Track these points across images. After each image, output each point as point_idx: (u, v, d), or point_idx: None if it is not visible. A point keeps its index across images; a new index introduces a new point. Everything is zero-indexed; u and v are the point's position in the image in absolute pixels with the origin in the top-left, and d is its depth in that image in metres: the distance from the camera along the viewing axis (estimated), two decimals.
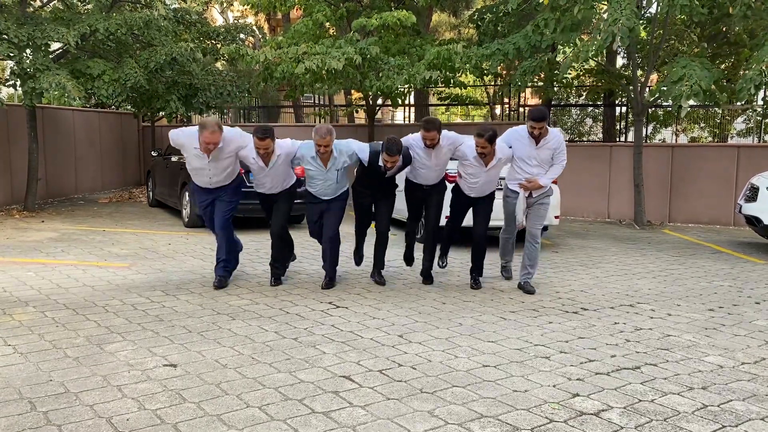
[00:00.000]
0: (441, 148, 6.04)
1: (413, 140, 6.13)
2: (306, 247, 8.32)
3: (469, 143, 6.09)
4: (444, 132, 6.05)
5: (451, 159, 6.25)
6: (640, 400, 3.67)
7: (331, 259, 6.29)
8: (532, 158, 6.10)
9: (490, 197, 6.37)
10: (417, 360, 4.27)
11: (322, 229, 6.27)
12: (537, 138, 6.02)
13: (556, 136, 6.14)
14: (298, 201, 6.72)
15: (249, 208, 7.95)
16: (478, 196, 6.28)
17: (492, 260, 7.06)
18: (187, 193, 10.23)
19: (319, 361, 4.21)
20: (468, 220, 6.55)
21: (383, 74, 12.07)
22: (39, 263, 7.17)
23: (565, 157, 6.21)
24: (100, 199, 14.31)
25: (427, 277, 6.60)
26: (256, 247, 8.39)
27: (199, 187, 6.16)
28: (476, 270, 6.54)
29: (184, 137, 5.83)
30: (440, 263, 6.76)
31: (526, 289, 6.28)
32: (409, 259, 6.86)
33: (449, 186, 6.54)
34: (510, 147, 6.18)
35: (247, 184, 7.15)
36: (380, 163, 5.94)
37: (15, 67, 10.48)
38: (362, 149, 6.09)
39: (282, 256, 6.45)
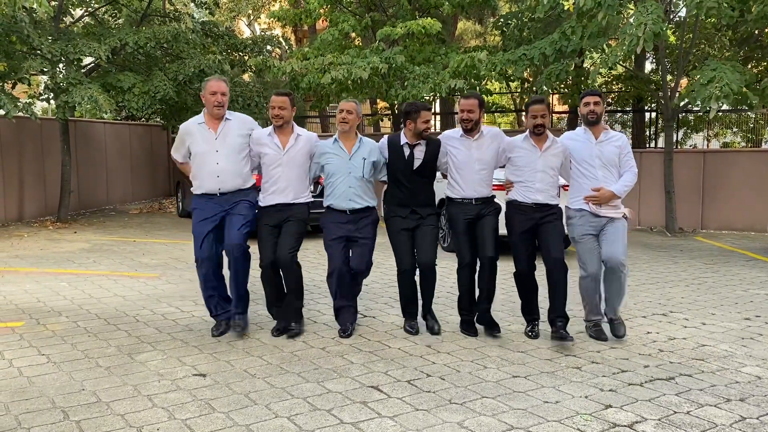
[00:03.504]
0: (483, 138, 4.98)
1: (449, 132, 5.18)
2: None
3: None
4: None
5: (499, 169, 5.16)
6: (676, 412, 3.59)
7: (352, 296, 5.17)
8: (594, 157, 4.87)
9: (557, 214, 4.95)
10: (446, 370, 4.24)
11: (341, 267, 4.92)
12: (595, 121, 4.89)
13: (619, 134, 5.03)
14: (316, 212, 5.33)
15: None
16: (542, 201, 4.88)
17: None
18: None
19: (346, 370, 4.20)
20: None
21: (408, 83, 12.08)
22: (72, 273, 7.29)
23: (635, 164, 4.99)
24: (130, 210, 14.54)
25: (489, 325, 5.05)
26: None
27: (201, 201, 4.90)
28: (558, 312, 4.87)
29: (188, 122, 5.08)
30: (529, 332, 5.08)
31: (618, 332, 4.93)
32: (469, 327, 5.12)
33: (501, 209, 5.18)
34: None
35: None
36: (402, 142, 4.98)
37: (48, 82, 10.73)
38: (381, 143, 5.14)
39: (279, 296, 5.09)
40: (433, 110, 17.32)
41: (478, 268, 5.05)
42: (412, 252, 4.99)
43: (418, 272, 5.07)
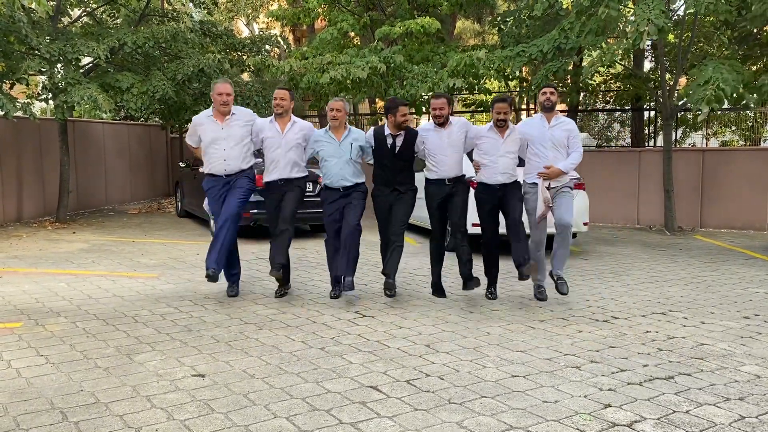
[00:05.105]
0: (452, 127, 5.98)
1: (425, 125, 6.22)
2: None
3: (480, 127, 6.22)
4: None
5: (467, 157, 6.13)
6: (675, 411, 3.59)
7: (352, 254, 5.89)
8: (546, 139, 5.86)
9: (519, 191, 5.98)
10: (445, 370, 4.23)
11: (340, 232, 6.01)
12: (550, 108, 5.90)
13: (568, 119, 6.03)
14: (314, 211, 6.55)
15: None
16: (504, 181, 5.90)
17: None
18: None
19: (345, 371, 4.19)
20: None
21: (407, 82, 12.08)
22: (70, 274, 7.28)
23: (581, 145, 5.95)
24: (129, 210, 14.52)
25: (469, 280, 6.05)
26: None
27: (211, 182, 6.01)
28: (520, 260, 5.88)
29: (200, 115, 6.15)
30: (488, 294, 6.26)
31: (559, 287, 5.94)
32: (438, 289, 6.34)
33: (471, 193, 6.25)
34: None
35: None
36: (386, 133, 5.99)
37: (47, 82, 10.71)
38: (368, 134, 6.16)
39: (285, 255, 6.07)
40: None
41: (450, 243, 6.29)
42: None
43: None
